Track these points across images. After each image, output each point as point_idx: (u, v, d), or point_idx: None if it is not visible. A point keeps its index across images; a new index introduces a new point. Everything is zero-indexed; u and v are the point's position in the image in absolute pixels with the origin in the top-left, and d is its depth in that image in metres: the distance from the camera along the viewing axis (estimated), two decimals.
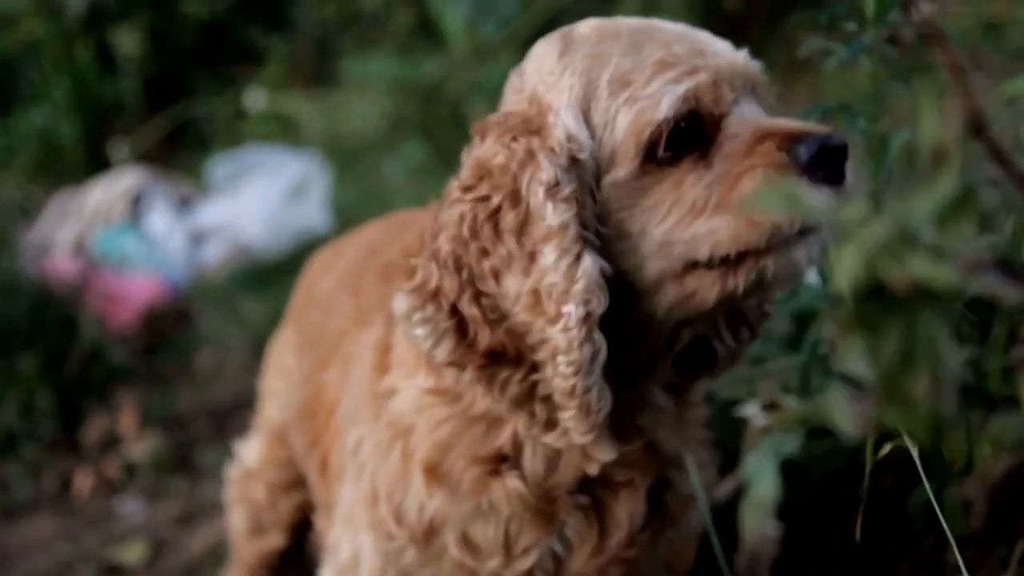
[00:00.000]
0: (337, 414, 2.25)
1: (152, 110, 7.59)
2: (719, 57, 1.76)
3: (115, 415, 4.69)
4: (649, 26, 1.82)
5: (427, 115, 6.26)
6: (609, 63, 1.77)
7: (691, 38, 1.78)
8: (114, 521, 4.09)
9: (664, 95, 1.71)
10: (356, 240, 2.67)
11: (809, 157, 1.67)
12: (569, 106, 1.77)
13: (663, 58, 1.73)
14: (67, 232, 6.23)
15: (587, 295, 1.71)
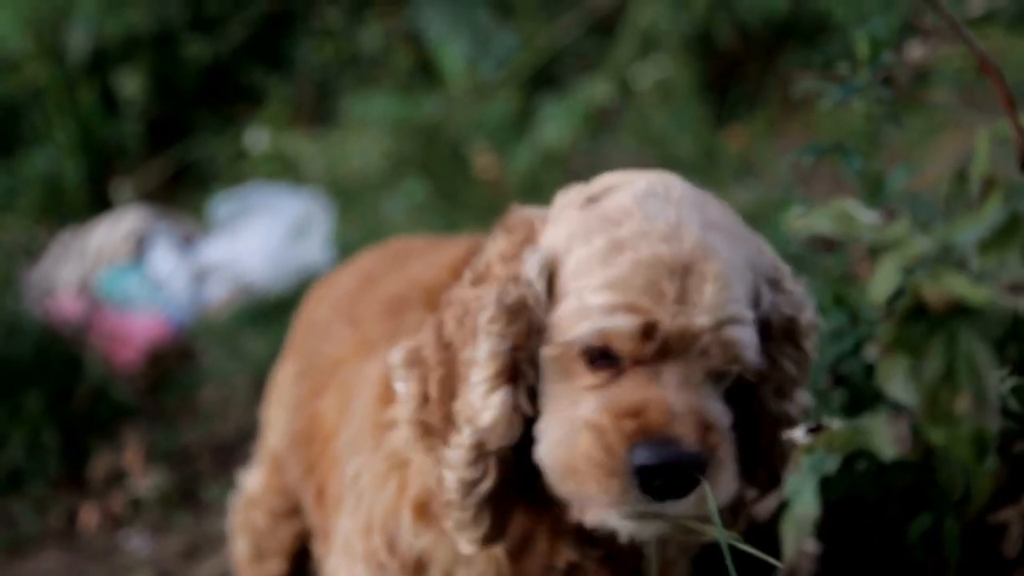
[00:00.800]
0: (336, 442, 2.30)
1: (154, 151, 7.64)
2: (670, 311, 1.69)
3: (120, 451, 4.71)
4: (653, 234, 1.73)
5: (427, 154, 6.32)
6: (589, 246, 1.78)
7: (667, 272, 1.70)
8: (120, 555, 4.12)
9: (588, 318, 1.74)
10: (350, 268, 2.73)
11: (640, 462, 1.68)
12: (541, 257, 1.83)
13: (619, 279, 1.72)
14: (71, 272, 6.27)
15: (489, 425, 1.82)
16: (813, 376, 2.33)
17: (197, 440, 4.89)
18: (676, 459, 1.66)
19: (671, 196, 1.79)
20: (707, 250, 1.72)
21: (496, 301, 1.82)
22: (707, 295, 1.70)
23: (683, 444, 1.66)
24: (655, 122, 5.93)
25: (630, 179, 1.86)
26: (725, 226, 1.81)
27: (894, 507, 2.38)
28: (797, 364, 1.88)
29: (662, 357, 1.71)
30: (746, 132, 5.79)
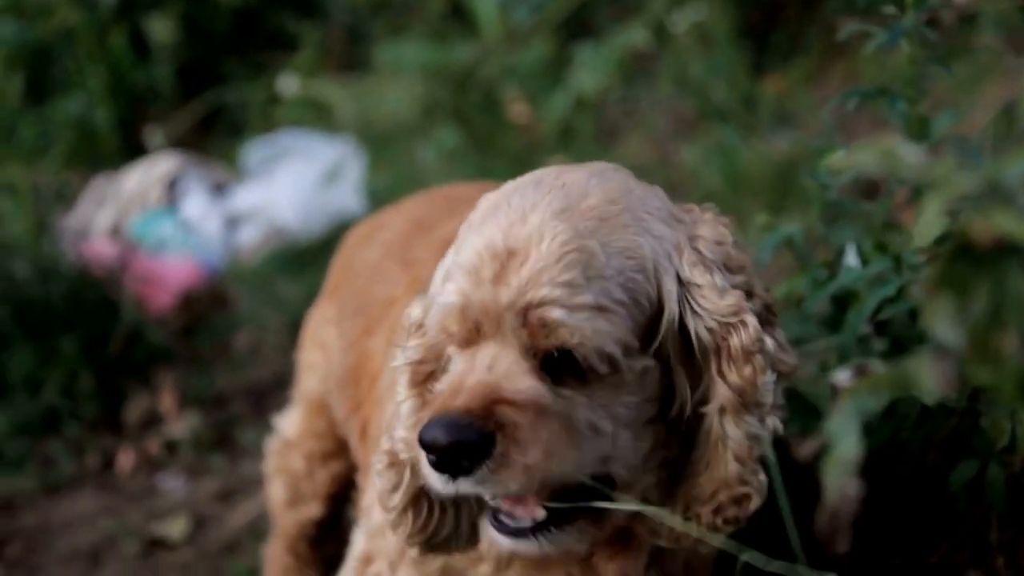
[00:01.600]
0: (380, 383, 2.31)
1: (186, 96, 7.63)
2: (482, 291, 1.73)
3: (155, 395, 4.75)
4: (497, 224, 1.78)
5: (459, 100, 6.29)
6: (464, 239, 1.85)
7: (490, 258, 1.74)
8: (156, 497, 4.16)
9: (435, 306, 1.82)
10: (399, 213, 2.72)
11: (419, 439, 1.72)
12: (441, 268, 1.92)
13: (461, 264, 1.78)
14: (104, 217, 6.30)
15: (398, 435, 1.90)
16: (856, 322, 2.31)
17: (231, 384, 4.91)
18: (444, 432, 1.67)
19: (554, 183, 1.81)
20: (543, 235, 1.73)
21: (408, 313, 1.93)
22: (519, 276, 1.71)
23: (457, 418, 1.68)
24: (692, 69, 5.86)
25: (539, 171, 1.90)
26: (603, 214, 1.78)
27: (937, 455, 2.36)
28: (738, 389, 1.78)
29: (480, 339, 1.75)
30: (785, 79, 5.72)
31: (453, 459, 1.69)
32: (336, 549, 2.91)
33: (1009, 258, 0.99)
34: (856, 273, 2.37)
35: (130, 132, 7.39)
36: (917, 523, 2.39)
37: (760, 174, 4.43)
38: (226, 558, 3.68)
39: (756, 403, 1.80)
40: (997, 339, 0.99)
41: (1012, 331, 0.99)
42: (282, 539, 3.03)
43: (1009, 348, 0.99)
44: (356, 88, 7.00)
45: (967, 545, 2.34)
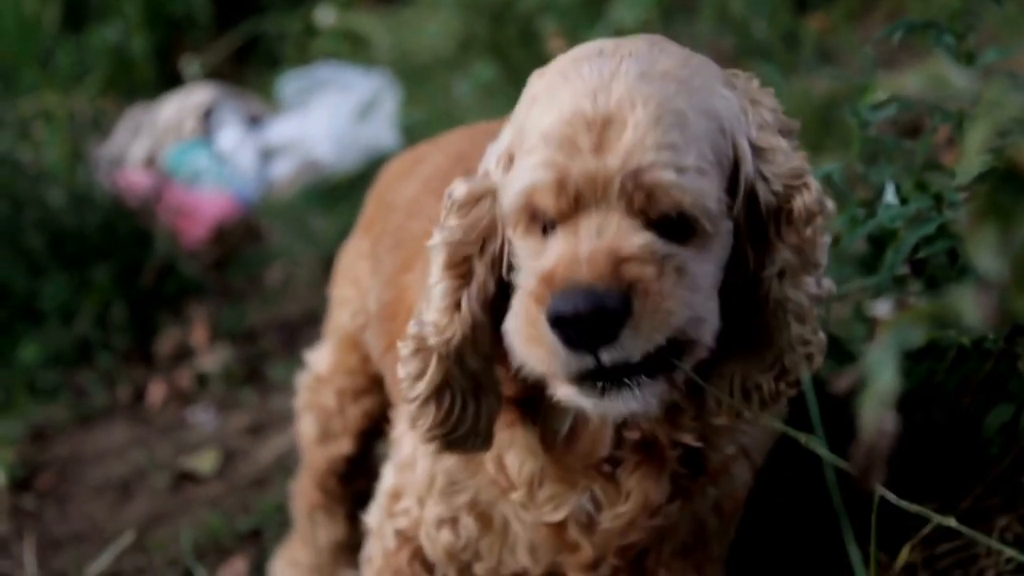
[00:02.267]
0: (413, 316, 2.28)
1: (223, 27, 7.60)
2: (582, 161, 1.65)
3: (187, 328, 4.76)
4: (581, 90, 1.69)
5: (497, 34, 6.21)
6: (530, 114, 1.75)
7: (584, 125, 1.66)
8: (186, 430, 4.17)
9: (519, 178, 1.71)
10: (440, 147, 2.66)
11: (549, 317, 1.63)
12: (500, 145, 1.83)
13: (539, 139, 1.69)
14: (139, 147, 6.29)
15: (429, 318, 1.84)
16: (894, 260, 2.25)
17: (262, 319, 4.92)
18: (584, 303, 1.60)
19: (616, 53, 1.74)
20: (635, 99, 1.67)
21: (446, 196, 1.85)
22: (623, 142, 1.64)
23: (590, 287, 1.60)
24: (733, 5, 5.75)
25: (587, 45, 1.80)
26: (679, 77, 1.73)
27: (972, 398, 2.32)
28: (797, 251, 1.77)
29: (580, 210, 1.67)
30: (828, 17, 5.61)
31: (594, 330, 1.62)
32: (365, 485, 2.90)
33: None
34: (895, 211, 2.31)
35: (166, 61, 7.38)
36: (950, 467, 2.35)
37: (801, 112, 4.34)
38: (255, 492, 3.69)
39: (814, 264, 1.79)
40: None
41: None
42: (311, 475, 3.02)
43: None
44: (393, 20, 6.94)
45: (999, 490, 2.30)
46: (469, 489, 2.07)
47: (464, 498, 2.08)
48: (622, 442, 1.94)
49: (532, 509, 2.00)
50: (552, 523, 2.00)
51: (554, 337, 1.64)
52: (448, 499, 2.10)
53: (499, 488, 2.02)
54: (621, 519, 1.98)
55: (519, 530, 2.07)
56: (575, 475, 1.96)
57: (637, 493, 1.96)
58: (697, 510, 2.09)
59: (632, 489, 1.96)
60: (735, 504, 2.16)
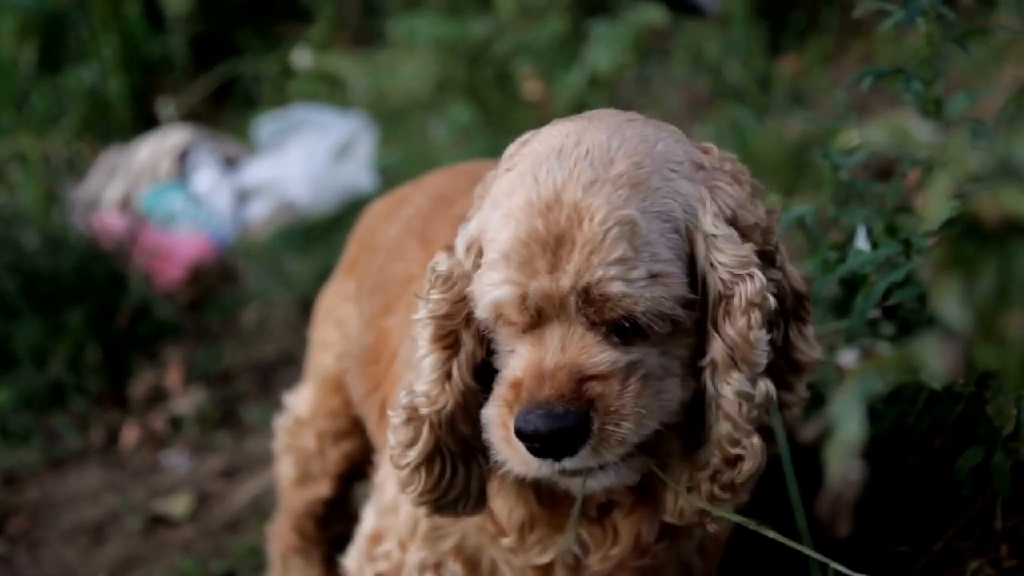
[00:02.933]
0: (397, 360, 2.28)
1: (199, 68, 7.61)
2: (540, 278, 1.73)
3: (162, 370, 4.73)
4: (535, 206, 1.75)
5: (473, 76, 6.24)
6: (492, 218, 1.82)
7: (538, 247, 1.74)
8: (160, 473, 4.14)
9: (485, 293, 1.79)
10: (421, 189, 2.67)
11: (515, 430, 1.74)
12: (468, 232, 1.89)
13: (501, 256, 1.77)
14: (115, 189, 6.28)
15: (419, 390, 1.89)
16: (864, 306, 2.27)
17: (238, 361, 4.90)
18: (543, 423, 1.71)
19: (574, 152, 1.79)
20: (582, 214, 1.73)
21: (430, 268, 1.90)
22: (574, 262, 1.72)
23: (551, 407, 1.71)
24: (707, 47, 5.81)
25: (552, 133, 1.86)
26: (633, 180, 1.77)
27: (944, 441, 2.33)
28: (731, 343, 1.77)
29: (544, 322, 1.76)
30: (801, 59, 5.67)
31: (555, 444, 1.72)
32: (342, 529, 2.90)
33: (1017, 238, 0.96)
34: (866, 256, 2.33)
35: (142, 103, 7.37)
36: (922, 510, 2.36)
37: (773, 154, 4.38)
38: (229, 536, 3.67)
39: (745, 360, 1.79)
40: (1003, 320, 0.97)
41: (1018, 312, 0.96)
42: (288, 517, 3.01)
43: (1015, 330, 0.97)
44: (369, 62, 6.96)
45: (971, 533, 2.31)
46: (454, 535, 2.08)
47: (449, 543, 2.09)
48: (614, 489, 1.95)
49: (521, 553, 2.01)
50: (539, 566, 2.02)
51: (520, 444, 1.74)
52: (432, 544, 2.10)
53: (487, 534, 2.02)
54: (611, 560, 1.98)
55: (507, 574, 2.07)
56: (560, 516, 1.97)
57: (629, 533, 1.97)
58: (682, 551, 2.10)
59: (624, 529, 1.97)
60: (718, 546, 2.18)
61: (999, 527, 2.27)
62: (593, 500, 1.96)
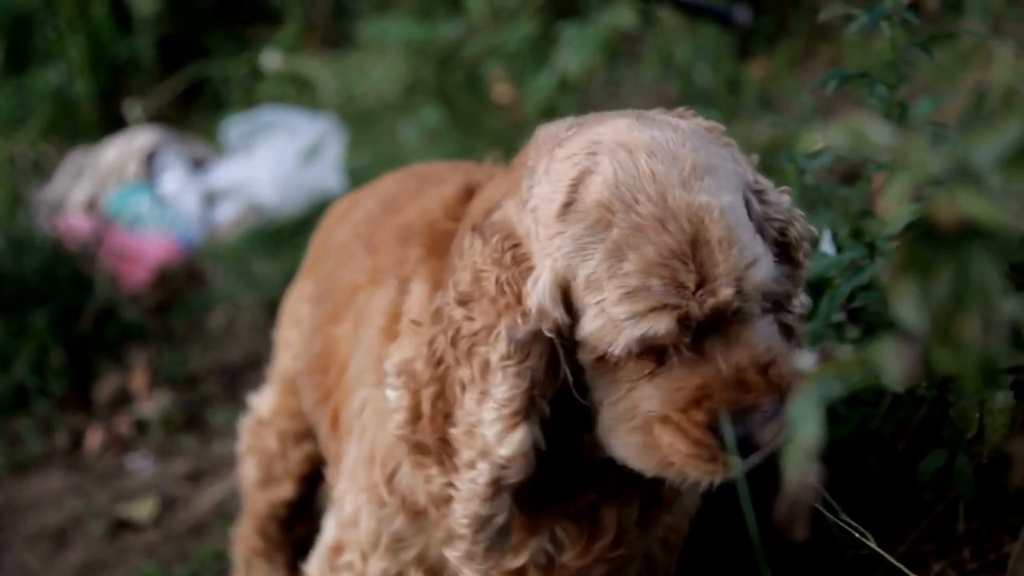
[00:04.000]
0: (348, 372, 2.26)
1: (167, 70, 7.57)
2: (696, 295, 1.67)
3: (127, 373, 4.70)
4: (647, 225, 1.69)
5: (443, 79, 6.23)
6: (590, 260, 1.72)
7: (679, 263, 1.67)
8: (124, 477, 4.11)
9: (623, 330, 1.70)
10: (373, 192, 2.66)
11: (738, 439, 1.69)
12: (547, 283, 1.76)
13: (637, 287, 1.68)
14: (81, 190, 6.23)
15: (506, 463, 1.79)
16: (829, 310, 2.28)
17: (204, 364, 4.87)
18: (767, 429, 1.67)
19: (640, 165, 1.72)
20: (703, 214, 1.68)
21: (507, 338, 1.76)
22: (722, 264, 1.68)
23: (760, 405, 1.68)
24: (677, 51, 5.82)
25: (592, 162, 1.76)
26: (704, 163, 1.74)
27: (907, 445, 2.33)
28: (790, 277, 1.86)
29: (699, 336, 1.70)
30: (770, 64, 5.69)
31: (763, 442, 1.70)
32: (306, 532, 2.88)
33: (974, 241, 0.96)
34: (830, 260, 2.34)
35: (109, 105, 7.33)
36: (885, 513, 2.36)
37: None
38: (193, 540, 3.64)
39: (800, 287, 1.91)
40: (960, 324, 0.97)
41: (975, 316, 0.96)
42: (252, 520, 2.99)
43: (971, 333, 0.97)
44: (339, 65, 6.94)
45: (934, 536, 2.31)
46: (417, 545, 2.06)
47: (411, 553, 2.07)
48: (603, 484, 1.94)
49: None
50: (511, 570, 2.00)
51: (731, 453, 1.69)
52: (395, 555, 2.08)
53: None
54: (590, 554, 1.98)
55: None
56: (542, 521, 1.96)
57: (612, 524, 1.97)
58: (648, 543, 2.10)
59: (608, 521, 1.97)
60: (679, 537, 2.19)
61: (961, 530, 2.28)
62: (582, 496, 1.95)
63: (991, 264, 0.94)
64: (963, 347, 0.95)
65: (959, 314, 0.96)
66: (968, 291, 0.95)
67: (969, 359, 0.96)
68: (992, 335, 0.94)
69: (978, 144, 0.96)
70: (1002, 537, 2.23)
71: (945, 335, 0.96)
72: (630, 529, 1.99)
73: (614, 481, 1.93)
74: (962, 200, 0.93)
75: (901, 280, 0.99)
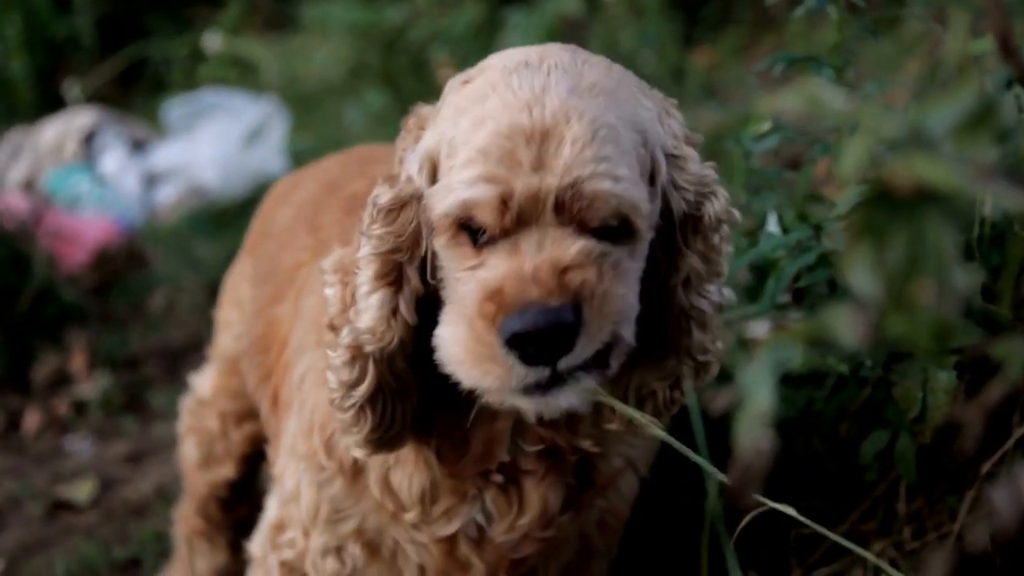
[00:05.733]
0: (289, 346, 2.25)
1: (107, 50, 7.47)
2: (525, 175, 1.66)
3: (66, 354, 4.63)
4: (515, 105, 1.70)
5: (388, 62, 6.21)
6: (458, 126, 1.74)
7: (523, 140, 1.67)
8: (63, 459, 4.06)
9: (453, 192, 1.70)
10: (314, 174, 2.65)
11: (506, 336, 1.64)
12: (421, 150, 1.80)
13: (478, 152, 1.68)
14: (18, 170, 6.14)
15: (365, 327, 1.82)
16: (775, 289, 2.30)
17: (145, 345, 4.82)
18: (542, 319, 1.62)
19: (543, 64, 1.75)
20: (569, 113, 1.68)
21: (371, 203, 1.82)
22: (563, 157, 1.66)
23: (544, 304, 1.62)
24: (622, 38, 5.84)
25: (508, 54, 1.82)
26: (606, 89, 1.75)
27: (850, 426, 2.36)
28: (704, 258, 1.82)
29: (521, 226, 1.68)
30: (715, 52, 5.73)
31: (552, 344, 1.64)
32: (248, 512, 2.86)
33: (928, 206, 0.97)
34: (776, 240, 2.35)
35: (48, 84, 7.22)
36: (827, 493, 2.39)
37: None
38: (133, 522, 3.60)
39: (718, 273, 1.84)
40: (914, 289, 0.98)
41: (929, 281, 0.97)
42: (193, 500, 2.96)
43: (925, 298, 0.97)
44: (282, 47, 6.89)
45: (875, 516, 2.34)
46: (355, 517, 2.06)
47: (350, 526, 2.07)
48: (520, 452, 1.94)
49: (425, 527, 1.99)
50: (443, 539, 2.00)
51: (510, 354, 1.64)
52: (333, 527, 2.08)
53: (387, 513, 2.00)
54: (517, 531, 1.98)
55: (410, 554, 2.06)
56: (467, 484, 1.96)
57: (537, 501, 1.97)
58: (583, 525, 2.11)
59: (533, 497, 1.97)
60: (619, 520, 2.19)
61: (902, 511, 2.31)
62: (496, 452, 1.94)
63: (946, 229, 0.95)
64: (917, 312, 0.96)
65: (913, 279, 0.97)
66: (923, 256, 0.96)
67: (923, 324, 0.97)
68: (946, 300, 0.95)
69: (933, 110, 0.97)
70: (942, 516, 2.26)
71: (899, 300, 0.97)
72: (555, 509, 1.98)
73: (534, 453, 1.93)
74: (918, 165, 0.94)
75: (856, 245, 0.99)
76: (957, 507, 2.21)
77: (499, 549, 2.01)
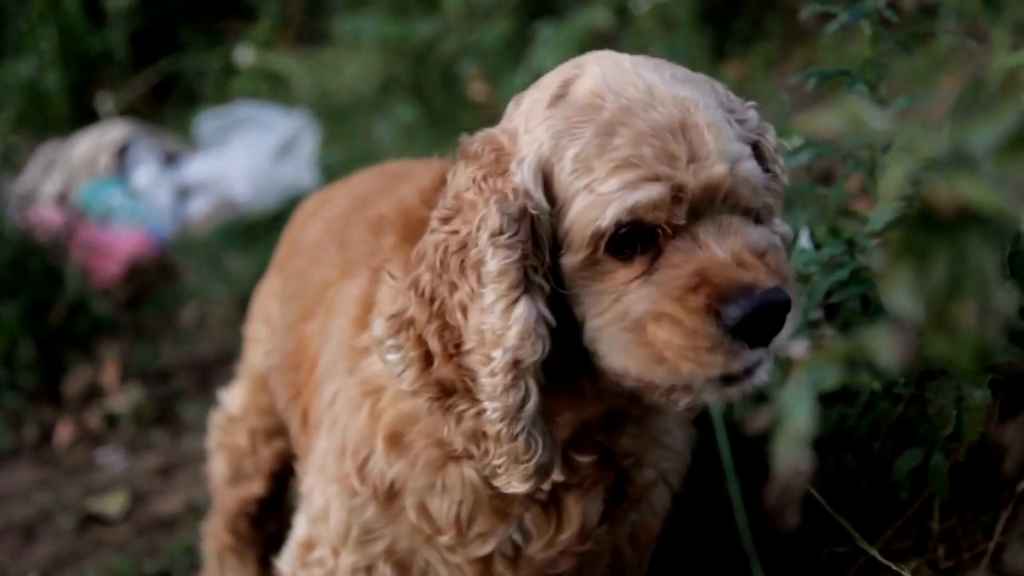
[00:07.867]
0: (319, 366, 2.24)
1: (140, 64, 7.53)
2: (688, 168, 1.65)
3: (98, 367, 4.66)
4: (636, 106, 1.69)
5: (418, 76, 6.22)
6: (579, 139, 1.71)
7: (669, 135, 1.66)
8: (94, 472, 4.08)
9: (612, 202, 1.66)
10: (346, 189, 2.64)
11: (735, 323, 1.61)
12: (531, 164, 1.75)
13: (628, 157, 1.66)
14: (52, 183, 6.19)
15: (518, 341, 1.73)
16: (808, 305, 2.28)
17: (176, 358, 4.84)
18: (766, 300, 1.60)
19: (626, 67, 1.74)
20: (688, 103, 1.69)
21: (498, 212, 1.72)
22: (712, 144, 1.66)
23: (761, 284, 1.61)
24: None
25: (580, 67, 1.78)
26: (683, 75, 1.76)
27: (883, 443, 2.34)
28: (769, 190, 1.81)
29: (692, 220, 1.67)
30: (746, 65, 5.71)
31: (776, 323, 1.63)
32: (277, 528, 2.86)
33: (970, 227, 0.95)
34: (809, 256, 2.34)
35: (81, 98, 7.29)
36: (861, 511, 2.37)
37: None
38: (164, 535, 3.61)
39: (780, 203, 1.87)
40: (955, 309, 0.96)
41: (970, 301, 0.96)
42: (222, 516, 2.97)
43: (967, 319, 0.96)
44: (313, 61, 6.91)
45: (909, 534, 2.32)
46: (386, 537, 2.04)
47: (380, 546, 2.06)
48: (573, 465, 1.93)
49: (460, 549, 1.98)
50: (478, 559, 1.99)
51: (736, 340, 1.61)
52: (363, 547, 2.06)
53: (422, 535, 1.99)
54: (556, 547, 1.97)
55: (441, 574, 2.04)
56: (512, 505, 1.95)
57: (576, 516, 1.95)
58: (616, 539, 2.09)
59: (574, 512, 1.95)
60: (650, 535, 2.17)
61: (936, 529, 2.28)
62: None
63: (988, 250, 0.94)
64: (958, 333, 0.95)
65: (955, 300, 0.95)
66: (964, 277, 0.94)
67: (964, 345, 0.96)
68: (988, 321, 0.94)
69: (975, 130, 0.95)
70: (977, 535, 2.23)
71: (940, 321, 0.96)
72: (594, 522, 1.97)
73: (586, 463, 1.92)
74: (960, 185, 0.93)
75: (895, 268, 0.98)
76: (992, 526, 2.19)
77: (536, 566, 2.00)
